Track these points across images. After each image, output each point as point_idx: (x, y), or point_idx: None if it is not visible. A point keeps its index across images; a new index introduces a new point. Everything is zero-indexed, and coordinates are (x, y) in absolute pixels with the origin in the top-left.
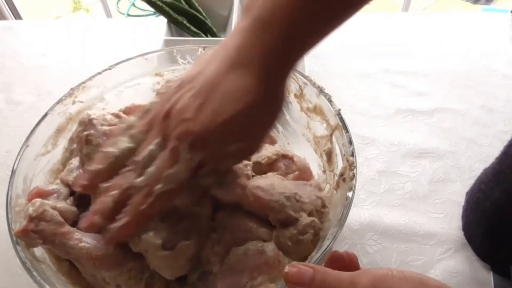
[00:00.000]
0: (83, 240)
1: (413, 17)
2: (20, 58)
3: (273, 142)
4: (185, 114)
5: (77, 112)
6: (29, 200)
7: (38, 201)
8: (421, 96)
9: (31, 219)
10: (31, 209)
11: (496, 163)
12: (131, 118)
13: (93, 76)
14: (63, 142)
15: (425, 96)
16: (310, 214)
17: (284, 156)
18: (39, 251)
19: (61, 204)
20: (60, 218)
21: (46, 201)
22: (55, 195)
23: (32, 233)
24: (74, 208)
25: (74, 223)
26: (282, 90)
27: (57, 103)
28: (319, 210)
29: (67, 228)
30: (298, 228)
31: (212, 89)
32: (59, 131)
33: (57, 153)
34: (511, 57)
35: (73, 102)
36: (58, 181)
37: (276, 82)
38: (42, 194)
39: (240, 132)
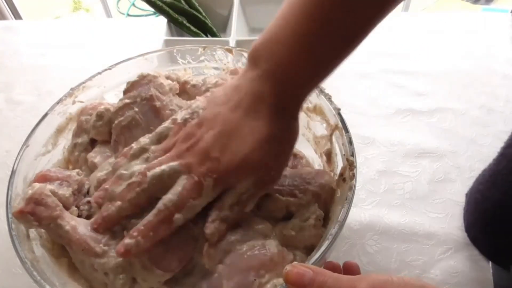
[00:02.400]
0: (77, 227)
1: (413, 17)
2: (20, 58)
3: None
4: (211, 153)
5: (77, 112)
6: (35, 180)
7: (37, 185)
8: (421, 96)
9: (29, 201)
10: (30, 191)
11: (493, 164)
12: (143, 140)
13: (93, 76)
14: (63, 142)
15: (425, 96)
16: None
17: (295, 155)
18: (39, 251)
19: (62, 191)
20: (57, 203)
21: (48, 186)
22: (59, 181)
23: (29, 215)
24: (72, 199)
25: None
26: (294, 125)
27: (57, 103)
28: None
29: (63, 213)
30: (300, 217)
31: (232, 133)
32: (59, 131)
33: (57, 153)
34: (511, 57)
35: (73, 102)
36: (74, 172)
37: (286, 121)
38: (47, 178)
39: (256, 166)
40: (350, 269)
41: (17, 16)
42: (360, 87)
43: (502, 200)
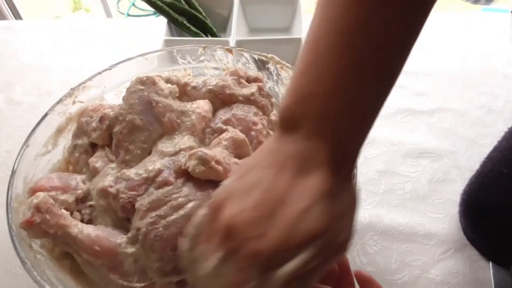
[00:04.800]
0: (84, 232)
1: None
2: (20, 58)
3: None
4: (252, 231)
5: (77, 112)
6: (35, 188)
7: (41, 194)
8: (421, 96)
9: (35, 210)
10: (35, 201)
11: (479, 166)
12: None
13: (93, 76)
14: (63, 142)
15: (425, 96)
16: None
17: None
18: (39, 251)
19: (64, 197)
20: (63, 211)
21: (50, 193)
22: (59, 191)
23: (36, 225)
24: (74, 204)
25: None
26: (351, 186)
27: (57, 103)
28: None
29: (69, 220)
30: None
31: (279, 201)
32: (59, 131)
33: (57, 153)
34: (511, 57)
35: (73, 102)
36: (79, 177)
37: (342, 179)
38: (48, 190)
39: (319, 229)
40: (339, 264)
41: (17, 16)
42: None
43: (493, 202)
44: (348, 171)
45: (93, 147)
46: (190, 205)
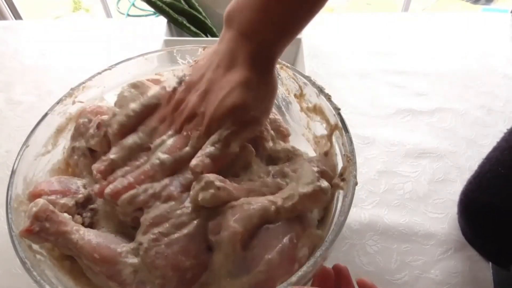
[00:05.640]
0: (85, 238)
1: (413, 17)
2: (20, 58)
3: (285, 137)
4: (197, 111)
5: (77, 112)
6: (34, 193)
7: (41, 201)
8: (421, 96)
9: (34, 219)
10: (34, 209)
11: (478, 166)
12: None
13: (93, 76)
14: (63, 142)
15: (425, 96)
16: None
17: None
18: (39, 251)
19: (64, 201)
20: (63, 217)
21: (50, 197)
22: (59, 195)
23: (35, 234)
24: (74, 208)
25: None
26: (270, 77)
27: (57, 103)
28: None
29: (70, 226)
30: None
31: (214, 88)
32: (59, 131)
33: (57, 153)
34: (511, 57)
35: (73, 102)
36: (79, 181)
37: (261, 71)
38: (48, 194)
39: (233, 106)
40: (339, 273)
41: (17, 16)
42: (360, 87)
43: (490, 203)
44: (267, 67)
45: (92, 150)
46: (194, 224)
